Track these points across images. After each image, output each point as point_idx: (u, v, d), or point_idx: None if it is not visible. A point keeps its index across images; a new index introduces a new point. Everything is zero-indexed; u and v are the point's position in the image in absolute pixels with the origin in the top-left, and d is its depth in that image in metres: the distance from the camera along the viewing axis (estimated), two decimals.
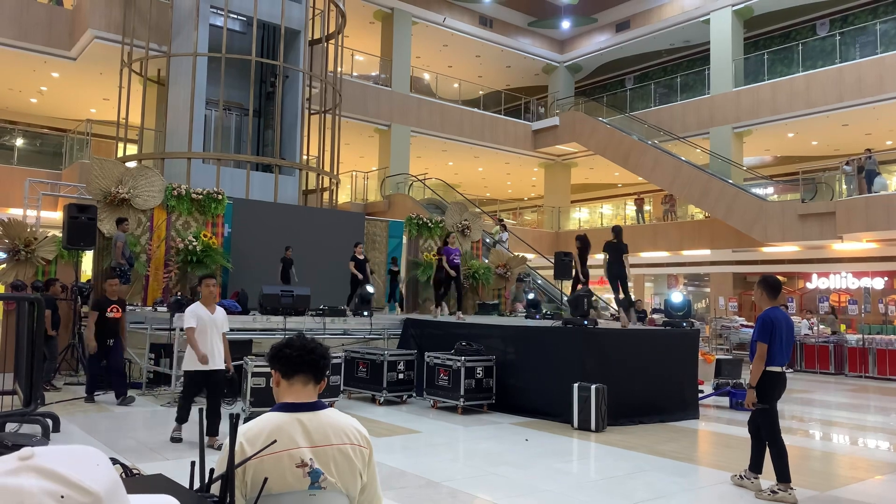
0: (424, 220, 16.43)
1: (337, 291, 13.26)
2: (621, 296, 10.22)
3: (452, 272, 11.64)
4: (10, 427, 6.00)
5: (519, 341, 9.58)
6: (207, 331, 6.59)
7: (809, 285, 20.90)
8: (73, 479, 0.86)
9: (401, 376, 9.75)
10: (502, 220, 22.11)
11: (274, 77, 16.42)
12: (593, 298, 11.89)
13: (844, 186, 18.59)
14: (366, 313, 11.81)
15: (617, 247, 10.22)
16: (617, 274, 10.13)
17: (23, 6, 16.93)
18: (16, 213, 14.43)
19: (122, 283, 11.56)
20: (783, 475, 5.45)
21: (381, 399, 9.59)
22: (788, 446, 5.66)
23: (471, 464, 6.54)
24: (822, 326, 17.58)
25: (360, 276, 13.19)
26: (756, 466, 5.74)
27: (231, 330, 9.72)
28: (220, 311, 6.87)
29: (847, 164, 18.59)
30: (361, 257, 13.68)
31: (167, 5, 16.12)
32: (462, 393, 8.91)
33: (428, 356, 9.54)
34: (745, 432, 5.96)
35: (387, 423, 8.23)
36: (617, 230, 10.46)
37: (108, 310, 8.83)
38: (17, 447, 2.38)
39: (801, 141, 23.09)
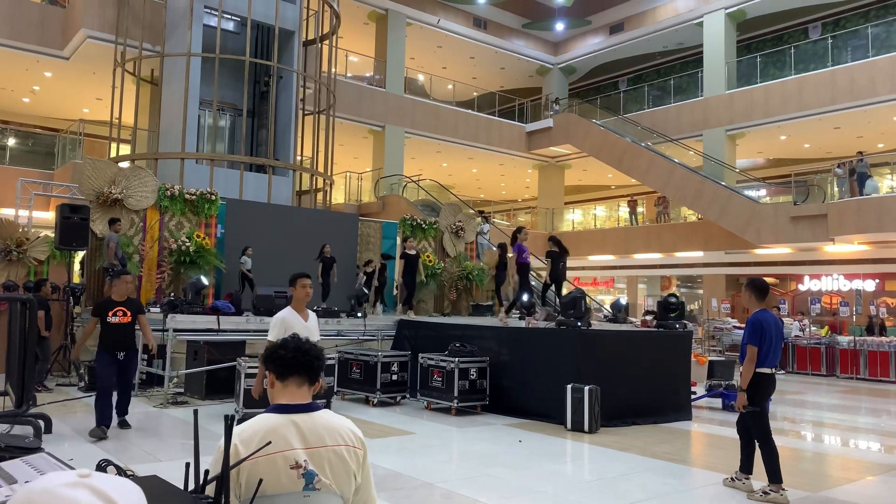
0: (418, 221, 16.42)
1: (334, 292, 13.23)
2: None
3: (515, 277, 10.66)
4: (2, 428, 5.96)
5: (513, 342, 9.59)
6: None
7: (801, 287, 21.00)
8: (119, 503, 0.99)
9: (394, 377, 9.74)
10: (483, 212, 22.04)
11: (268, 77, 16.39)
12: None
13: (836, 189, 18.70)
14: (359, 314, 11.80)
15: (560, 255, 11.18)
16: (560, 278, 11.24)
17: (15, 5, 16.86)
18: (8, 213, 14.36)
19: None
20: (775, 476, 5.48)
21: (375, 400, 9.59)
22: (781, 447, 5.68)
23: (465, 465, 6.55)
24: (813, 328, 17.67)
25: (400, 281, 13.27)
26: (746, 467, 5.77)
27: (223, 331, 9.78)
28: (312, 315, 5.63)
29: (839, 166, 18.71)
30: (413, 252, 13.63)
31: (161, 5, 16.07)
32: (456, 394, 8.91)
33: (422, 357, 9.54)
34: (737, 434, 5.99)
35: (381, 425, 8.23)
36: (556, 240, 11.40)
37: (111, 313, 7.06)
38: (9, 448, 2.36)
39: (793, 143, 23.22)
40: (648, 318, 13.93)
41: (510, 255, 11.39)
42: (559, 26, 26.42)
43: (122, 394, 7.32)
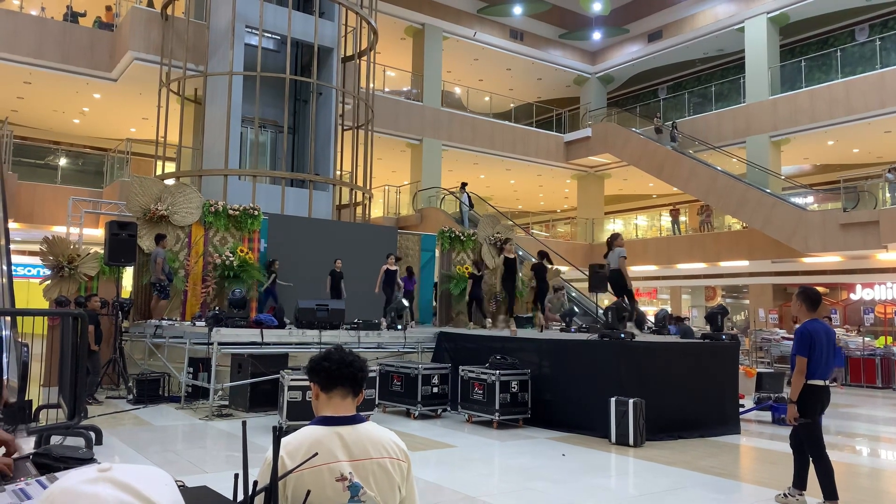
0: (457, 233, 16.44)
1: (371, 305, 13.31)
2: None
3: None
4: (55, 439, 6.12)
5: (554, 354, 9.48)
6: None
7: (853, 296, 20.34)
8: (144, 493, 0.95)
9: (435, 390, 9.72)
10: (465, 184, 21.40)
11: (308, 94, 16.66)
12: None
13: (888, 194, 18.13)
14: (399, 327, 11.82)
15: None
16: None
17: (66, 30, 17.50)
18: (59, 230, 14.82)
19: (162, 298, 11.79)
20: (830, 492, 5.29)
21: (416, 413, 9.58)
22: (835, 462, 5.48)
23: (507, 479, 6.48)
24: (867, 339, 17.07)
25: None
26: (800, 483, 5.58)
27: (266, 344, 9.91)
28: None
29: (890, 171, 18.14)
30: (512, 256, 12.55)
31: (204, 26, 16.51)
32: (497, 407, 8.84)
33: (462, 370, 9.50)
34: (789, 447, 5.80)
35: (422, 438, 8.21)
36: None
37: None
38: (62, 459, 2.41)
39: (841, 148, 22.59)
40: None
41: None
42: (596, 36, 26.28)
43: None
